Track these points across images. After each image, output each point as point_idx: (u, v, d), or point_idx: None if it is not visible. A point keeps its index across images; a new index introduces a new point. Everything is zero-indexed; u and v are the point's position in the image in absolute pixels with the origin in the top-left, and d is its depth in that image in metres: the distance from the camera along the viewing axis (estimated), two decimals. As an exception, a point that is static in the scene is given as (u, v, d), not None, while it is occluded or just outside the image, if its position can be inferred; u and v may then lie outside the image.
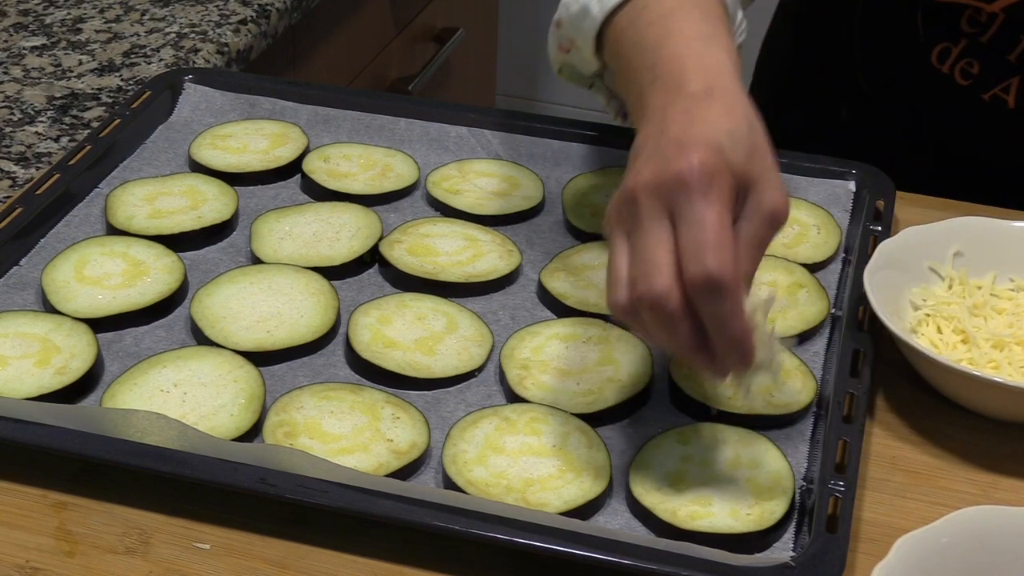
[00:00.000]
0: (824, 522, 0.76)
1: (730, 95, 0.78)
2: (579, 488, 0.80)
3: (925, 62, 1.12)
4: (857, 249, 1.00)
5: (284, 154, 1.12)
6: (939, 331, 0.91)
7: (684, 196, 0.72)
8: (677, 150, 0.73)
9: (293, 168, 1.11)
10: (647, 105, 0.80)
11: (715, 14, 0.84)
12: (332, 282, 0.97)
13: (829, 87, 1.22)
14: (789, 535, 0.78)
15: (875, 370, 0.89)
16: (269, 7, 1.54)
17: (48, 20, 1.50)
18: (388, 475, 0.80)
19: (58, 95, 1.34)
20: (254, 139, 1.14)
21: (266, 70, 1.58)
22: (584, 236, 1.04)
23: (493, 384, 0.90)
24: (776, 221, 0.75)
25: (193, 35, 1.47)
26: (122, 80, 1.37)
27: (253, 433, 0.84)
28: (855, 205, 1.07)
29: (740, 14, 0.92)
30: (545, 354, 0.90)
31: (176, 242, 1.01)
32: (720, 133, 0.74)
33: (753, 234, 0.75)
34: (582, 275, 0.99)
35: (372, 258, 1.01)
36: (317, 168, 1.10)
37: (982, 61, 1.09)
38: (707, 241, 0.71)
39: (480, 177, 1.10)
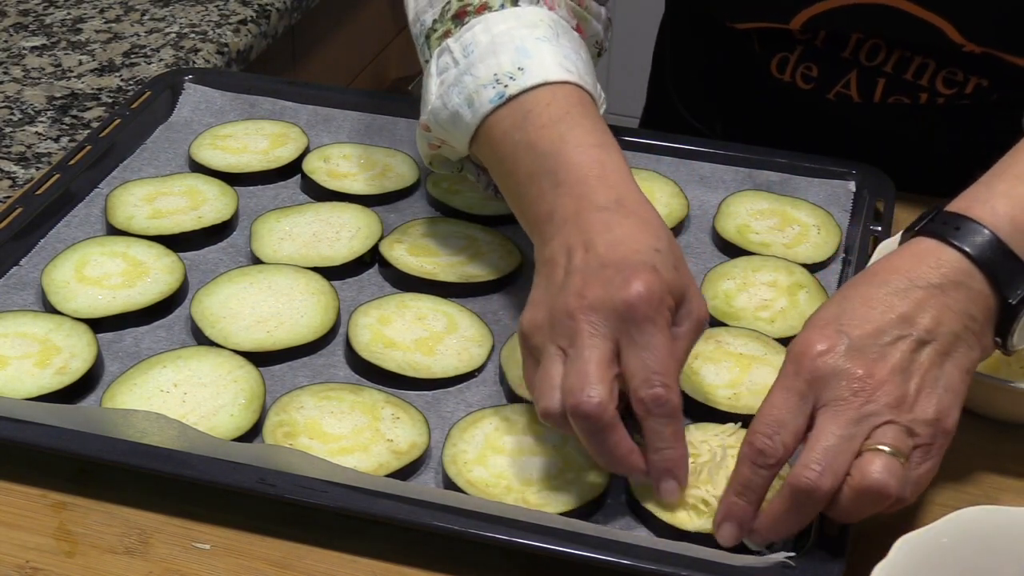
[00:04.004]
0: (824, 522, 0.76)
1: (639, 205, 0.82)
2: (579, 488, 0.80)
3: (765, 74, 1.14)
4: (857, 249, 1.00)
5: (284, 154, 1.12)
6: (939, 331, 0.91)
7: (633, 323, 0.76)
8: (618, 275, 0.76)
9: (293, 168, 1.11)
10: (553, 211, 0.83)
11: (600, 119, 0.88)
12: (332, 282, 0.97)
13: (696, 105, 1.25)
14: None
15: (875, 370, 0.89)
16: (269, 7, 1.54)
17: (48, 20, 1.50)
18: (388, 475, 0.80)
19: (58, 95, 1.34)
20: (254, 139, 1.14)
21: (266, 70, 1.58)
22: (584, 236, 1.04)
23: (493, 384, 0.90)
24: (703, 327, 0.80)
25: (193, 35, 1.47)
26: (122, 80, 1.37)
27: (253, 433, 0.84)
28: (855, 205, 1.07)
29: (599, 87, 0.94)
30: (545, 354, 0.90)
31: (176, 242, 1.01)
32: (650, 252, 0.78)
33: (685, 341, 0.79)
34: (582, 275, 0.99)
35: (372, 258, 1.01)
36: (317, 168, 1.10)
37: (820, 64, 1.11)
38: (659, 367, 0.75)
39: (480, 177, 1.10)
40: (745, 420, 0.84)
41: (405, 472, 0.81)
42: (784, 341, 0.92)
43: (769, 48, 1.12)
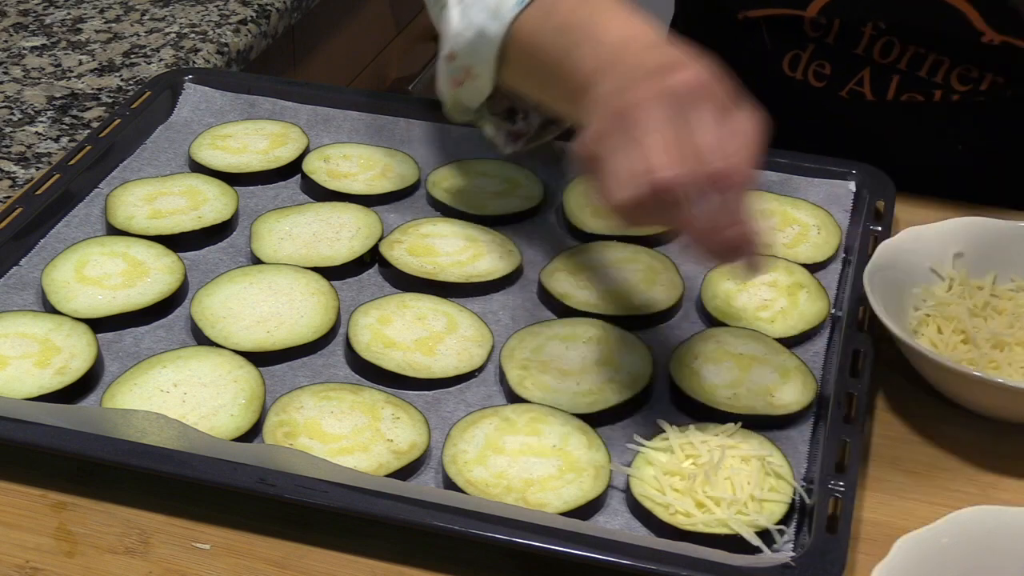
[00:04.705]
0: (824, 522, 0.76)
1: (677, 42, 0.82)
2: (579, 488, 0.80)
3: (777, 71, 1.14)
4: (857, 249, 1.00)
5: (284, 154, 1.12)
6: (939, 331, 0.91)
7: (693, 102, 0.75)
8: (673, 65, 0.77)
9: (293, 168, 1.11)
10: (598, 66, 0.82)
11: None
12: (332, 282, 0.97)
13: None
14: (789, 535, 0.78)
15: (875, 370, 0.89)
16: (269, 7, 1.54)
17: (48, 20, 1.50)
18: (388, 475, 0.80)
19: (58, 95, 1.34)
20: (254, 139, 1.14)
21: (266, 70, 1.58)
22: (584, 236, 1.04)
23: (493, 384, 0.90)
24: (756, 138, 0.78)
25: (193, 35, 1.47)
26: (122, 80, 1.37)
27: (253, 433, 0.84)
28: (855, 205, 1.07)
29: None
30: (545, 354, 0.90)
31: (176, 242, 1.01)
32: (695, 60, 0.78)
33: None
34: (582, 275, 0.99)
35: (372, 258, 1.01)
36: (317, 168, 1.10)
37: (832, 61, 1.12)
38: (726, 139, 0.75)
39: (480, 177, 1.10)
40: (745, 420, 0.85)
41: (405, 472, 0.81)
42: (784, 341, 0.92)
43: (781, 45, 1.12)
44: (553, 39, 0.89)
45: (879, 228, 1.02)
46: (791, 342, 0.93)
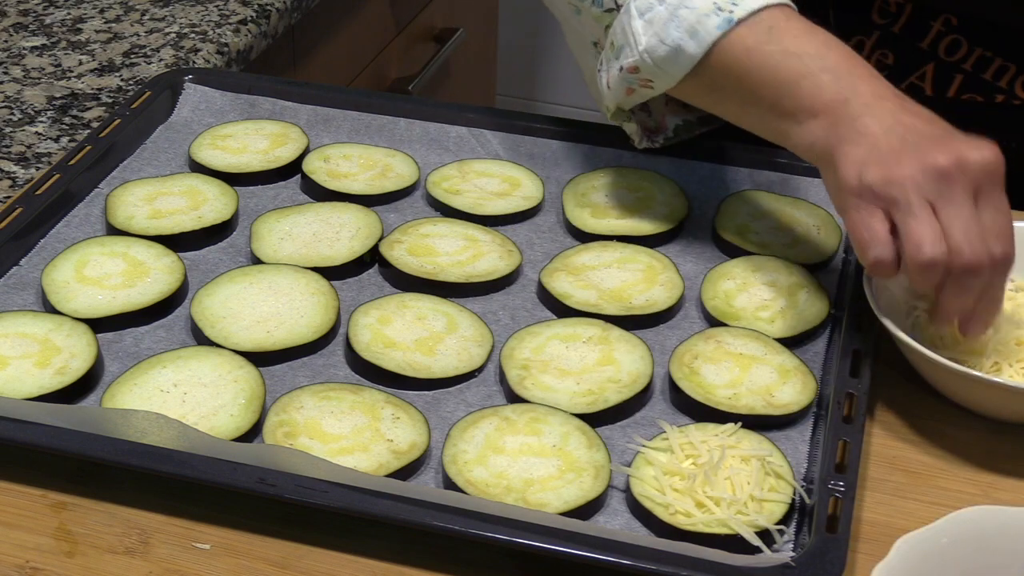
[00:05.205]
0: (824, 522, 0.76)
1: (916, 103, 0.89)
2: (579, 488, 0.80)
3: None
4: (857, 249, 1.00)
5: (284, 154, 1.12)
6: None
7: (991, 184, 0.84)
8: (970, 141, 0.84)
9: (293, 168, 1.11)
10: (847, 97, 0.88)
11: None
12: (332, 282, 0.97)
13: None
14: (789, 535, 0.78)
15: (875, 370, 0.89)
16: (269, 7, 1.54)
17: (48, 20, 1.50)
18: (388, 475, 0.80)
19: (58, 95, 1.34)
20: (254, 139, 1.14)
21: (266, 70, 1.58)
22: (584, 236, 1.04)
23: (493, 384, 0.90)
24: None
25: (193, 35, 1.47)
26: (122, 80, 1.37)
27: (253, 433, 0.84)
28: (855, 205, 1.07)
29: None
30: (545, 354, 0.90)
31: (176, 242, 1.01)
32: (979, 140, 0.84)
33: None
34: (582, 275, 0.99)
35: (372, 258, 1.01)
36: (317, 168, 1.10)
37: (896, 51, 1.12)
38: (1008, 227, 0.84)
39: (480, 177, 1.10)
40: (745, 420, 0.85)
41: (405, 472, 0.81)
42: (784, 341, 0.92)
43: (846, 28, 1.12)
44: (780, 61, 0.91)
45: (879, 228, 1.02)
46: (791, 342, 0.93)
